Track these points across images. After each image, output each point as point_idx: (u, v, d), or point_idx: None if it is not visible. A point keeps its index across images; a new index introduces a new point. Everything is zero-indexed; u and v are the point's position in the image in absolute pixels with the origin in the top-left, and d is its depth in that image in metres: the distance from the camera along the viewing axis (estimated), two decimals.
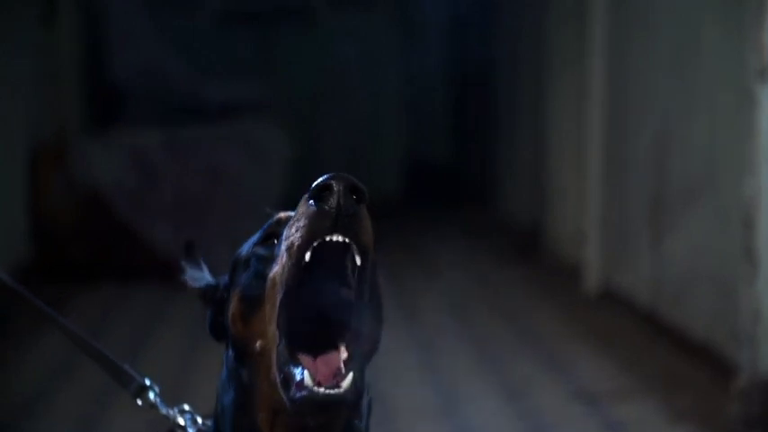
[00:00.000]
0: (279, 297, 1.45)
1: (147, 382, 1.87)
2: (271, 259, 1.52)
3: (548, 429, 4.46)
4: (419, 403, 4.75)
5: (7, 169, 6.98)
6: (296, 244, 1.43)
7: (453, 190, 10.44)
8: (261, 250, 1.56)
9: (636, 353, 5.42)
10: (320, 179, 1.42)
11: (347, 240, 1.42)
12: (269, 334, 1.47)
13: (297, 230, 1.43)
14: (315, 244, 1.42)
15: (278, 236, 1.54)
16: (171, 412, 1.82)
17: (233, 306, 1.56)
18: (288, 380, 1.43)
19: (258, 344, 1.50)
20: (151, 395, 1.86)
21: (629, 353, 5.42)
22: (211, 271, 1.76)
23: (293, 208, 1.52)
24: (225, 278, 1.67)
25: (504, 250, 8.07)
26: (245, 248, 1.61)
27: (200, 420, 1.80)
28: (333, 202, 1.41)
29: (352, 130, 10.15)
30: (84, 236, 7.25)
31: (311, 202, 1.42)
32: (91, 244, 7.25)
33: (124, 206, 7.17)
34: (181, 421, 1.80)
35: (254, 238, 1.61)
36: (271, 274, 1.49)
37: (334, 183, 1.42)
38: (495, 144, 9.61)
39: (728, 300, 4.72)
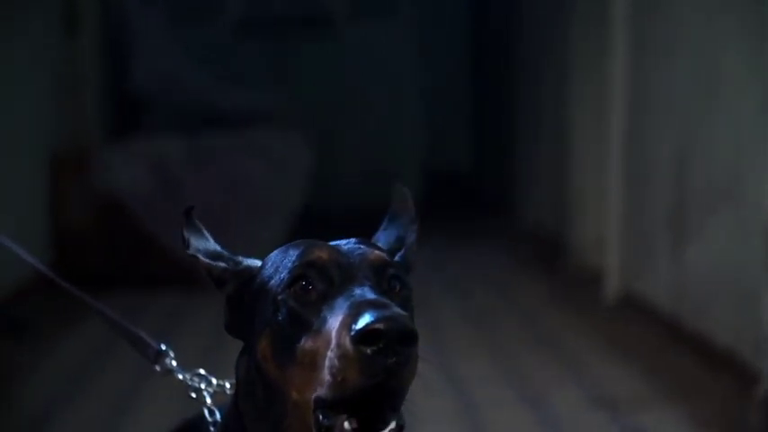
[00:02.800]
0: (316, 389, 1.43)
1: (164, 347, 1.89)
2: (305, 321, 1.47)
3: None
4: (437, 409, 4.73)
5: (28, 177, 7.01)
6: (347, 384, 1.39)
7: (473, 198, 10.44)
8: (292, 302, 1.50)
9: (656, 360, 5.40)
10: (369, 319, 1.37)
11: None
12: (304, 394, 1.45)
13: (345, 369, 1.39)
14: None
15: (307, 280, 1.50)
16: (187, 376, 1.83)
17: (262, 344, 1.52)
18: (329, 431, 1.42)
19: (292, 396, 1.47)
20: (167, 361, 1.87)
21: (650, 360, 5.40)
22: (217, 241, 1.71)
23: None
24: (245, 262, 1.64)
25: (524, 258, 8.06)
26: (274, 280, 1.54)
27: (214, 382, 1.81)
28: (384, 355, 1.38)
29: (370, 138, 10.15)
30: (103, 243, 7.27)
31: (358, 343, 1.38)
32: (110, 251, 7.27)
33: (143, 214, 7.18)
34: (197, 385, 1.81)
35: (283, 272, 1.54)
36: (305, 348, 1.46)
37: (382, 327, 1.38)
38: (515, 152, 9.60)
39: (750, 308, 4.70)
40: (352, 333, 1.37)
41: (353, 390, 1.39)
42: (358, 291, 1.46)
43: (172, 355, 1.89)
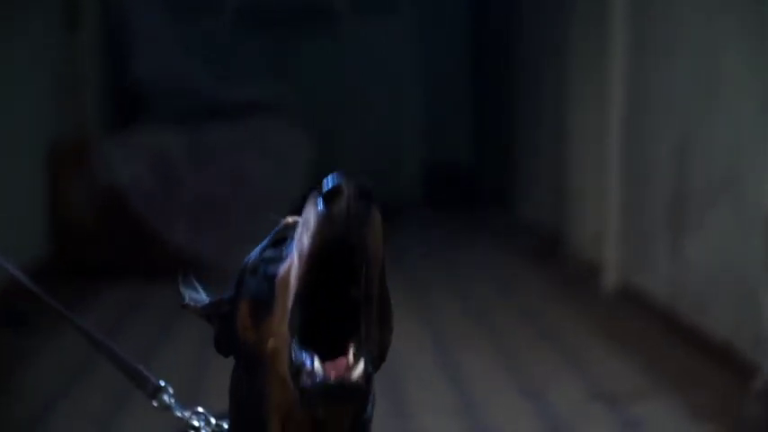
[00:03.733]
0: (290, 301, 1.44)
1: (162, 384, 1.87)
2: (279, 260, 1.50)
3: (566, 428, 4.46)
4: (437, 401, 4.75)
5: (28, 169, 7.01)
6: (307, 251, 1.40)
7: (473, 193, 10.44)
8: (269, 253, 1.54)
9: (655, 353, 5.41)
10: (328, 181, 1.40)
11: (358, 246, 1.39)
12: (280, 334, 1.46)
13: (307, 236, 1.41)
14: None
15: (286, 240, 1.53)
16: (185, 414, 1.82)
17: (242, 313, 1.54)
18: (299, 372, 1.41)
19: (269, 345, 1.48)
20: (165, 397, 1.86)
21: (648, 353, 5.41)
22: (209, 292, 1.75)
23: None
24: (229, 292, 1.65)
25: (523, 252, 8.06)
26: (253, 256, 1.59)
27: (213, 421, 1.80)
28: (343, 206, 1.38)
29: (371, 132, 10.15)
30: (103, 236, 7.27)
31: (321, 206, 1.40)
32: (109, 244, 7.27)
33: (143, 206, 7.19)
34: (195, 423, 1.81)
35: (262, 244, 1.59)
36: (280, 274, 1.48)
37: (343, 185, 1.39)
38: (515, 147, 9.60)
39: (749, 301, 4.71)
40: (318, 198, 1.40)
41: (318, 255, 1.39)
42: None
43: (171, 391, 1.88)
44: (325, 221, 1.39)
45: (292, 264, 1.45)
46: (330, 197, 1.39)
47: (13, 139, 6.64)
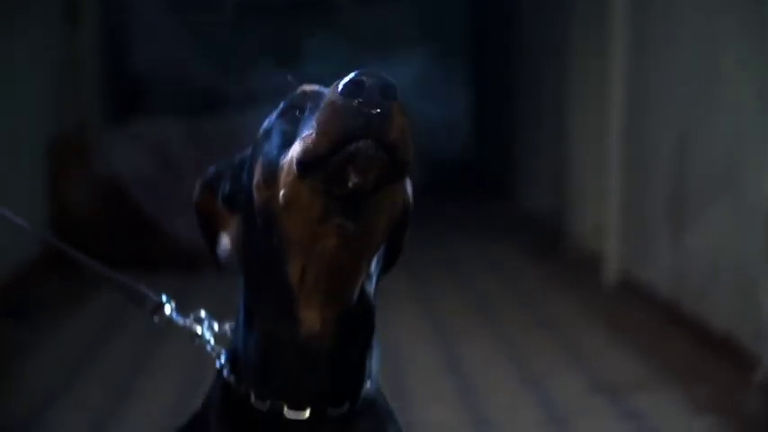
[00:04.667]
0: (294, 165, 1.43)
1: (164, 299, 1.86)
2: (293, 130, 1.48)
3: (566, 419, 4.46)
4: (437, 392, 4.75)
5: (28, 160, 7.01)
6: (330, 136, 1.37)
7: (474, 185, 10.45)
8: (283, 123, 1.52)
9: (656, 345, 5.41)
10: (351, 74, 1.37)
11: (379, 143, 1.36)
12: (290, 175, 1.43)
13: (329, 123, 1.38)
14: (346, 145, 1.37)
15: (301, 108, 1.51)
16: (186, 322, 1.80)
17: (257, 174, 1.52)
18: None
19: (282, 195, 1.45)
20: (167, 310, 1.84)
21: (649, 345, 5.41)
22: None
23: None
24: (245, 153, 1.64)
25: (524, 244, 8.06)
26: (268, 121, 1.57)
27: (216, 326, 1.78)
28: (364, 97, 1.36)
29: None
30: (104, 228, 7.26)
31: (341, 96, 1.37)
32: (111, 235, 7.26)
33: (144, 197, 7.18)
34: (198, 330, 1.79)
35: (278, 109, 1.57)
36: (290, 154, 1.45)
37: (365, 78, 1.36)
38: (516, 139, 9.60)
39: (750, 294, 4.71)
40: (339, 87, 1.37)
41: (335, 142, 1.37)
42: None
43: (173, 305, 1.86)
44: (346, 113, 1.36)
45: (312, 138, 1.40)
46: (351, 89, 1.37)
47: (13, 130, 6.64)
